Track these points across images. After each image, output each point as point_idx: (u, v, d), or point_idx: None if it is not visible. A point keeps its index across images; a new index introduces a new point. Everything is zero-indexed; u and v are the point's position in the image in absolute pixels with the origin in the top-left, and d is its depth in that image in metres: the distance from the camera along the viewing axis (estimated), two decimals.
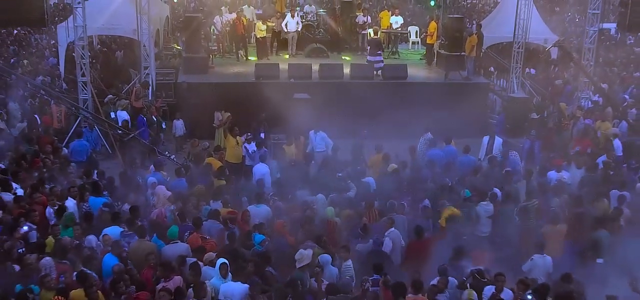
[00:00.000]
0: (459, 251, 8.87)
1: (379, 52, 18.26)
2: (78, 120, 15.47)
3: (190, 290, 7.52)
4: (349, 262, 8.79)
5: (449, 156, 13.01)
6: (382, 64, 18.07)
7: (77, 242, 8.93)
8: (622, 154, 13.29)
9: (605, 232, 9.67)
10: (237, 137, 13.89)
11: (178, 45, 21.34)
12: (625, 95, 17.76)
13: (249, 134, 13.96)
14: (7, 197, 10.26)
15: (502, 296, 7.83)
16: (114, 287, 7.64)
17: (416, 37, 22.79)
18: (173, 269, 8.00)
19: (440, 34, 19.63)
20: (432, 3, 24.52)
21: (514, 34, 17.42)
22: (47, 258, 8.15)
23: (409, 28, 22.95)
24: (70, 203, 10.08)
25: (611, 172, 12.02)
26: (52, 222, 9.51)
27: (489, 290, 8.06)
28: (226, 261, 8.03)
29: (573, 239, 10.13)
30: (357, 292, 7.98)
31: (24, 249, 8.58)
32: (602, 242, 9.51)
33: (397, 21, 21.19)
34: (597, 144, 13.76)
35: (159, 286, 7.67)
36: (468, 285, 8.25)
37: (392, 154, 12.84)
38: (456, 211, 10.31)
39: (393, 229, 9.58)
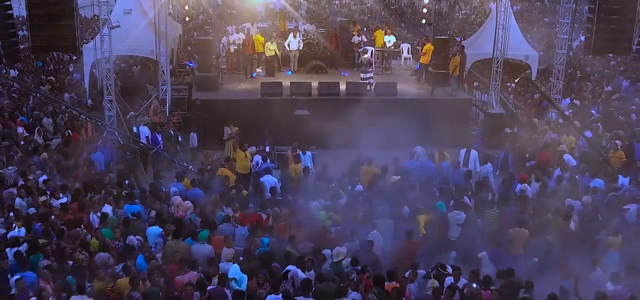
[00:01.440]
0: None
1: (370, 69, 20.46)
2: (103, 136, 17.52)
3: (216, 279, 9.53)
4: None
5: (426, 168, 14.96)
6: (373, 80, 20.17)
7: (117, 242, 11.03)
8: (576, 165, 15.21)
9: (546, 238, 11.61)
10: (246, 151, 15.98)
11: (190, 63, 23.30)
12: (593, 111, 19.68)
13: (260, 147, 15.97)
14: (55, 203, 12.36)
15: (458, 284, 9.84)
16: (150, 277, 9.67)
17: (408, 54, 24.77)
18: (193, 266, 10.06)
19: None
20: None
21: (493, 54, 19.34)
22: (101, 253, 10.19)
23: (401, 45, 24.95)
24: (107, 209, 12.14)
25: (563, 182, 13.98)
26: (96, 226, 11.56)
27: (449, 280, 10.09)
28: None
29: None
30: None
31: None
32: (541, 246, 11.46)
33: (389, 40, 23.23)
34: (556, 158, 15.66)
35: (184, 278, 9.68)
36: (432, 276, 10.28)
37: (383, 163, 14.83)
38: (429, 217, 12.27)
39: (375, 231, 11.58)
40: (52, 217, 11.60)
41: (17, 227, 11.23)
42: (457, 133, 18.44)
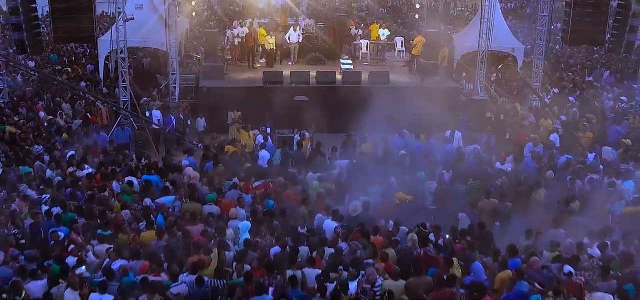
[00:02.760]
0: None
1: (347, 57, 22.75)
2: (119, 118, 19.11)
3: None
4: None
5: (414, 147, 16.53)
6: (351, 68, 22.23)
7: (136, 204, 12.60)
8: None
9: (507, 204, 13.13)
10: (250, 132, 17.57)
11: (198, 55, 24.87)
12: (571, 98, 21.20)
13: (262, 128, 17.52)
14: (80, 174, 13.95)
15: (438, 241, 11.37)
16: (168, 230, 11.23)
17: (402, 47, 26.29)
18: (207, 222, 11.65)
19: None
20: None
21: (479, 46, 20.85)
22: (125, 211, 11.78)
23: (396, 39, 26.47)
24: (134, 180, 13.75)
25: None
26: (118, 192, 13.15)
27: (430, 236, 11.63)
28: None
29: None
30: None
31: None
32: (502, 211, 12.97)
33: (384, 34, 24.78)
34: (536, 138, 17.15)
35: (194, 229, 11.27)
36: (414, 232, 11.79)
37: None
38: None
39: (366, 197, 13.11)
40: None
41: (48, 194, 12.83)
42: (445, 118, 19.91)
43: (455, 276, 9.79)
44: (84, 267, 9.93)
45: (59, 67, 24.26)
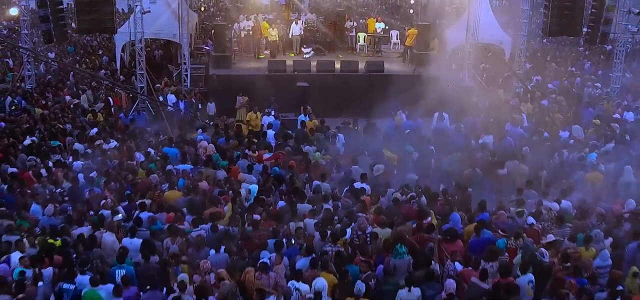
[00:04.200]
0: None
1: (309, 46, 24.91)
2: (137, 102, 20.96)
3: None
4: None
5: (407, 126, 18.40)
6: (312, 54, 24.28)
7: (159, 171, 14.42)
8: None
9: (477, 172, 14.90)
10: (257, 112, 19.44)
11: (206, 46, 26.68)
12: (550, 86, 22.99)
13: (267, 110, 19.34)
14: (106, 146, 15.80)
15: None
16: (190, 189, 13.05)
17: (396, 39, 28.08)
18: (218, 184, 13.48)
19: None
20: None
21: (466, 39, 22.65)
22: (153, 175, 13.64)
23: (391, 32, 28.28)
24: (152, 151, 15.59)
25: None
26: (141, 160, 14.99)
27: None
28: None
29: None
30: None
31: None
32: (474, 178, 14.75)
33: (380, 27, 26.60)
34: (515, 118, 18.94)
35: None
36: (399, 193, 13.56)
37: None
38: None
39: (356, 167, 14.90)
40: None
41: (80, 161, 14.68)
42: (435, 103, 21.70)
43: (432, 224, 11.60)
44: (120, 215, 11.74)
45: (78, 57, 26.10)
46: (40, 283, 9.60)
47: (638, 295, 9.93)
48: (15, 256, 10.24)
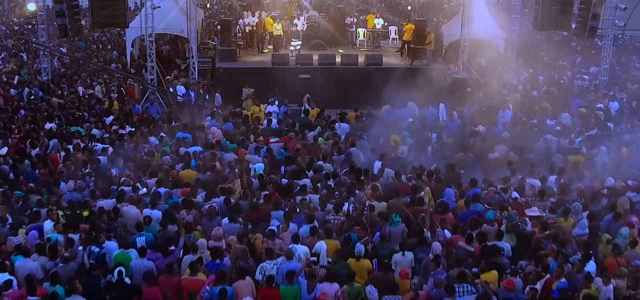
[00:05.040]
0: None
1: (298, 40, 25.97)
2: (147, 93, 22.07)
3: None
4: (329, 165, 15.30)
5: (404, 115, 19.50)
6: (299, 47, 25.43)
7: (173, 154, 15.54)
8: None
9: (470, 155, 16.01)
10: (261, 105, 20.57)
11: (213, 41, 27.82)
12: (541, 78, 24.11)
13: (270, 100, 20.45)
14: (123, 131, 16.91)
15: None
16: (204, 169, 14.17)
17: (395, 35, 29.17)
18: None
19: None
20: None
21: (461, 33, 23.75)
22: (166, 156, 14.76)
23: (389, 28, 29.37)
24: (164, 136, 16.73)
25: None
26: (156, 144, 16.11)
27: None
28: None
29: None
30: None
31: None
32: (465, 161, 15.83)
33: (379, 23, 27.72)
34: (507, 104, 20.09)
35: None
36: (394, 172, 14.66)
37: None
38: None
39: (355, 148, 16.02)
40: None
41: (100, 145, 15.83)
42: (431, 94, 22.80)
43: (422, 198, 12.75)
44: (144, 189, 12.88)
45: (89, 52, 27.25)
46: (79, 246, 10.69)
47: (610, 258, 11.00)
48: (48, 224, 11.37)
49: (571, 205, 12.61)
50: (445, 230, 11.65)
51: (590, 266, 10.40)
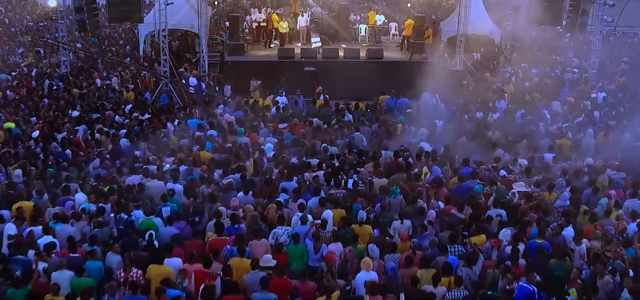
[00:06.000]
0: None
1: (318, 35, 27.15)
2: (160, 85, 23.33)
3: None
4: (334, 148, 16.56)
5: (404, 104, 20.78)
6: (319, 43, 26.54)
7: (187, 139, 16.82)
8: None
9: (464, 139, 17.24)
10: (266, 98, 21.85)
11: (221, 37, 29.10)
12: (533, 71, 25.34)
13: (278, 91, 21.73)
14: (142, 117, 18.20)
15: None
16: (220, 150, 15.44)
17: (395, 31, 30.42)
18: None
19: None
20: None
21: (457, 29, 25.00)
22: (183, 140, 16.07)
23: (390, 24, 30.63)
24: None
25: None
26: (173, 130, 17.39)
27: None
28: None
29: None
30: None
31: None
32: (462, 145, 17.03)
33: (380, 19, 28.99)
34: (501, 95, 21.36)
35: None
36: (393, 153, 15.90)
37: None
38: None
39: (358, 133, 17.30)
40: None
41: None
42: (429, 85, 24.05)
43: (418, 174, 14.04)
44: (168, 165, 14.16)
45: (103, 47, 28.57)
46: (112, 214, 11.95)
47: (587, 226, 12.24)
48: (79, 196, 12.66)
49: (555, 181, 13.88)
50: (439, 202, 12.93)
51: (569, 231, 11.65)
